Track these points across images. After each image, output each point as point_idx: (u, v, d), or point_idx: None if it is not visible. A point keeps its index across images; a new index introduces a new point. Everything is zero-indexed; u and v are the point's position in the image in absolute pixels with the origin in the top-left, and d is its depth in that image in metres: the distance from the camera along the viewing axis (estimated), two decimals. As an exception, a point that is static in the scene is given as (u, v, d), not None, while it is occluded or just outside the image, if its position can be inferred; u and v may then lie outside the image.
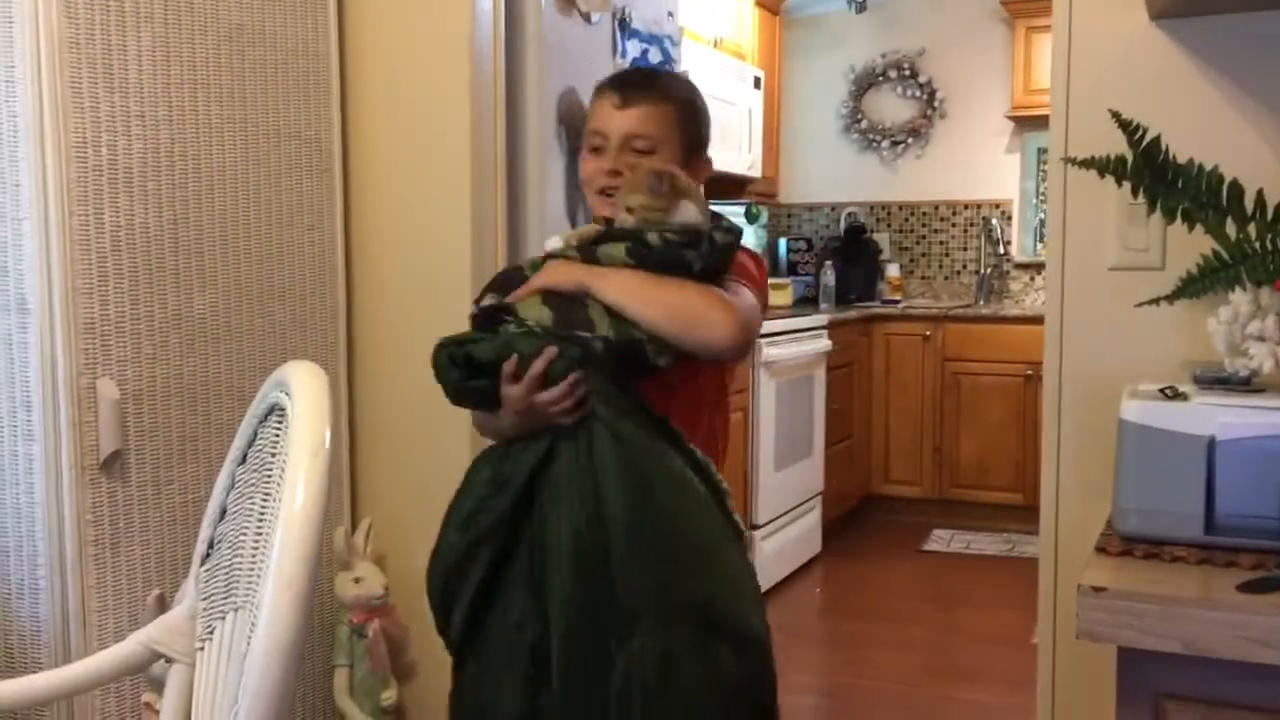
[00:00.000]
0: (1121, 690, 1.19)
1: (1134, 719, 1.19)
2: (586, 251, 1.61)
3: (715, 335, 1.54)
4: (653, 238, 1.58)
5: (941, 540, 5.06)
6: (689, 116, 1.74)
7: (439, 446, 2.36)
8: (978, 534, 5.11)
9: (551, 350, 1.50)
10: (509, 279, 1.67)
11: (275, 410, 1.25)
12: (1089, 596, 1.18)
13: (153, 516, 2.00)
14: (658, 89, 1.73)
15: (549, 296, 1.56)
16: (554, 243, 1.67)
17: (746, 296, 1.63)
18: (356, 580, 2.32)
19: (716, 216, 1.68)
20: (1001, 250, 5.76)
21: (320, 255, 2.40)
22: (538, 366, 1.50)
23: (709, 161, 1.79)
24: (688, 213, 1.63)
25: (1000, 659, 3.61)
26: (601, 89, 1.76)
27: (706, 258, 1.59)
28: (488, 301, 1.62)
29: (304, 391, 1.18)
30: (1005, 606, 4.10)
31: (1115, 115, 1.50)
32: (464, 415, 1.72)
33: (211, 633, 1.22)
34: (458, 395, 1.59)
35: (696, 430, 1.64)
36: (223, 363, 2.14)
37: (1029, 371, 4.95)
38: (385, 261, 2.48)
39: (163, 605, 1.55)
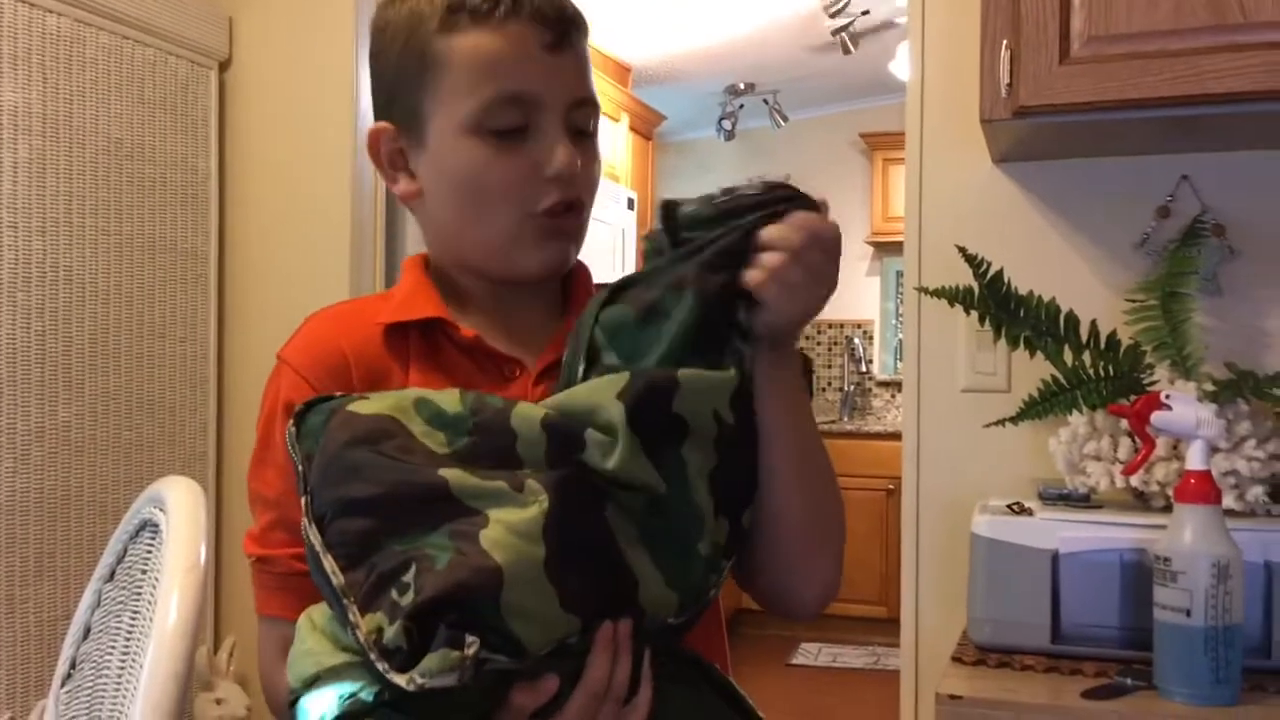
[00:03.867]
0: (978, 795, 1.25)
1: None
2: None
3: (837, 569, 0.96)
4: None
5: (809, 654, 5.11)
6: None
7: (309, 562, 2.32)
8: (844, 646, 5.18)
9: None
10: (493, 429, 0.82)
11: (148, 526, 1.24)
12: (946, 705, 1.24)
13: (5, 636, 1.92)
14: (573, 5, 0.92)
15: None
16: None
17: None
18: (218, 701, 2.25)
19: None
20: (864, 368, 5.97)
21: (192, 368, 2.37)
22: (618, 679, 0.81)
23: None
24: None
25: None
26: (475, 10, 0.87)
27: None
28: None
29: (180, 508, 1.17)
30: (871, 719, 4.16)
31: (962, 250, 1.62)
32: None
33: (73, 757, 1.18)
34: None
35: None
36: (85, 476, 2.09)
37: (890, 486, 5.10)
38: (259, 376, 2.46)
39: (16, 730, 1.49)
